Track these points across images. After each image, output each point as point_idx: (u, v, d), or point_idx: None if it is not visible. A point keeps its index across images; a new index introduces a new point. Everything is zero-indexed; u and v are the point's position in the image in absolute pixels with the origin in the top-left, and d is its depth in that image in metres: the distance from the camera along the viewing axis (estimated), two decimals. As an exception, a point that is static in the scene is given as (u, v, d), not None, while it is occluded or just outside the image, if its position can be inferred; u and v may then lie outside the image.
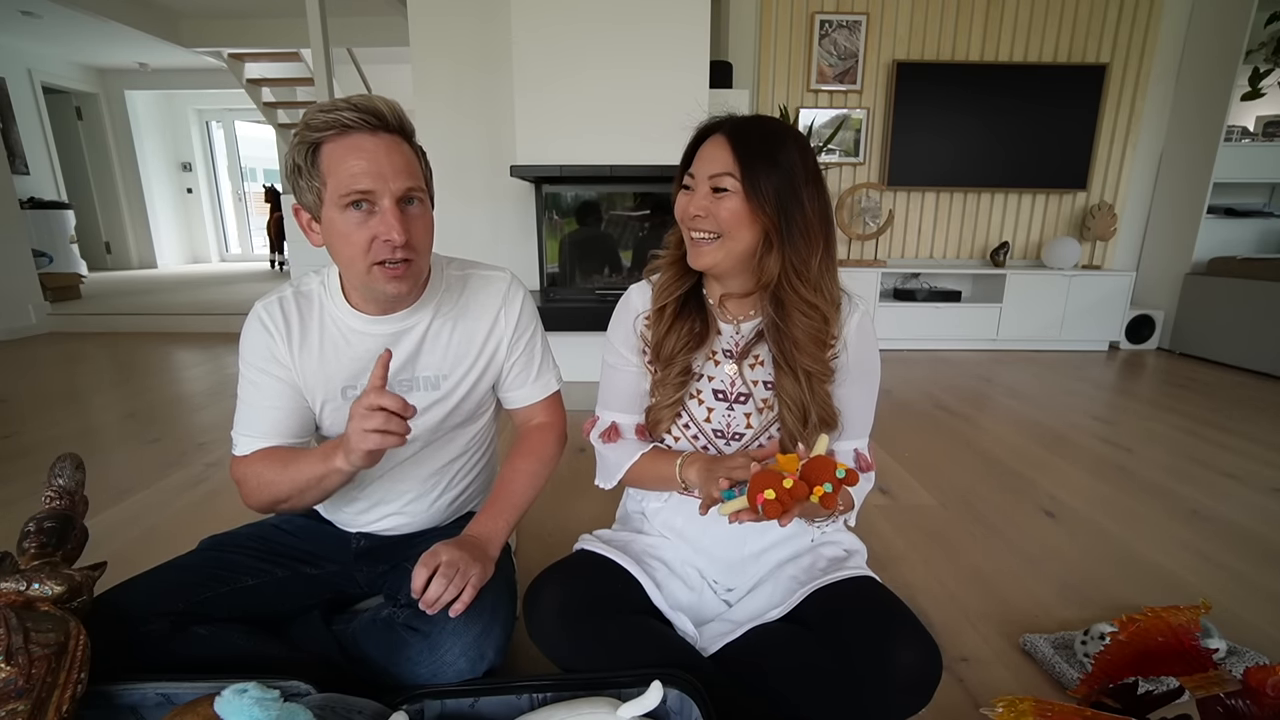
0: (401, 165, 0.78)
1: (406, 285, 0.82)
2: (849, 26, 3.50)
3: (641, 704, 0.68)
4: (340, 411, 0.90)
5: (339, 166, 0.75)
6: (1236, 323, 3.27)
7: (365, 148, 0.76)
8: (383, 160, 0.76)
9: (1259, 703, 0.67)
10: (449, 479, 1.01)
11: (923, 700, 0.76)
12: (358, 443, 0.72)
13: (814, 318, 0.84)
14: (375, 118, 0.76)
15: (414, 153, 0.82)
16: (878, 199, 3.69)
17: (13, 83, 5.58)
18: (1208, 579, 1.35)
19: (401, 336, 0.90)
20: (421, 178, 0.82)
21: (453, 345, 0.93)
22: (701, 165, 0.83)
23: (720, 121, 0.84)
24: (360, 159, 0.75)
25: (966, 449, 2.13)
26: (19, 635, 0.65)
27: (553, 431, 1.03)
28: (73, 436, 2.17)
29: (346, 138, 0.76)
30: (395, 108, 0.79)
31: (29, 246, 4.02)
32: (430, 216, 0.84)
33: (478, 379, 0.96)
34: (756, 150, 0.80)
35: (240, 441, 0.88)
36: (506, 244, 3.06)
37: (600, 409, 0.99)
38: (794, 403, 0.85)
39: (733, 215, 0.81)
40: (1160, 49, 3.55)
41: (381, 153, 0.76)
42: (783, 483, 0.66)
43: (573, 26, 2.43)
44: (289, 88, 5.96)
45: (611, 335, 0.97)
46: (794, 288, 0.83)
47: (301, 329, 0.88)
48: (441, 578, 0.80)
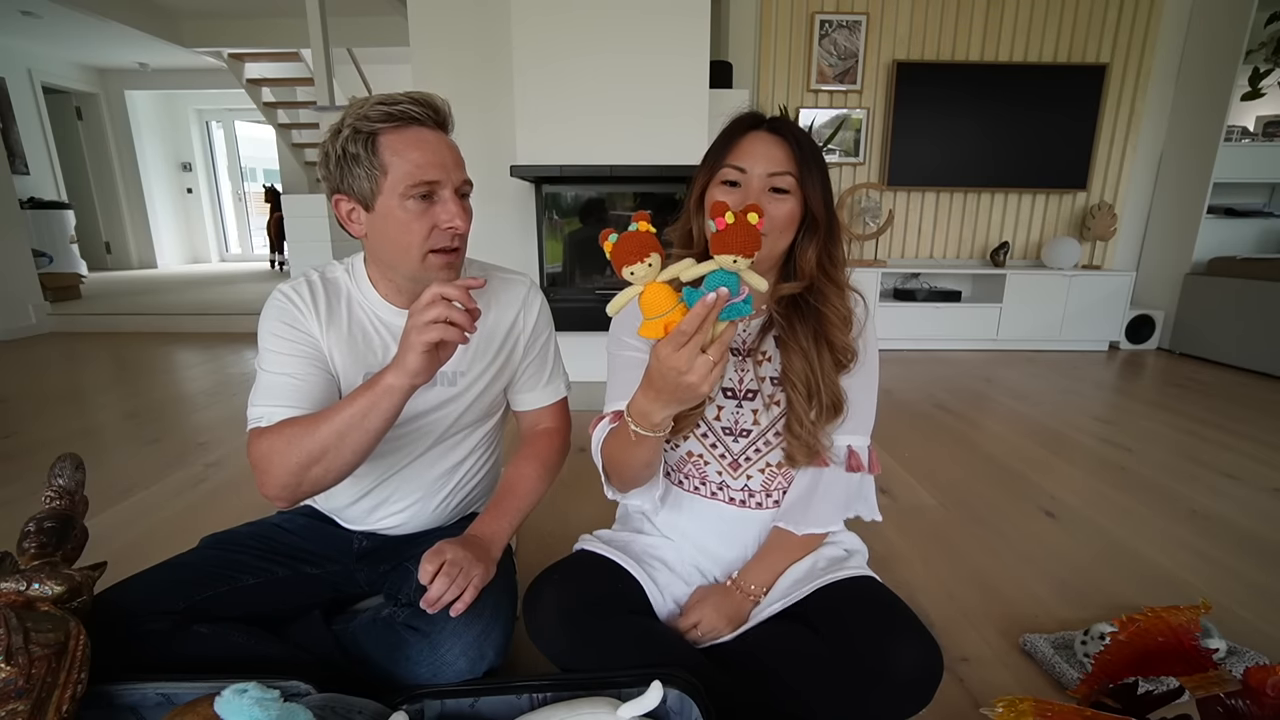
0: (458, 159, 0.83)
1: (455, 272, 0.86)
2: (849, 26, 3.50)
3: (641, 704, 0.68)
4: None
5: (403, 158, 0.78)
6: (1236, 323, 3.27)
7: (429, 141, 0.80)
8: (445, 153, 0.81)
9: (1259, 703, 0.67)
10: (456, 480, 1.01)
11: (924, 700, 0.76)
12: (418, 337, 0.69)
13: (844, 299, 0.88)
14: (435, 112, 0.82)
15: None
16: (878, 199, 3.69)
17: (13, 83, 5.58)
18: (1208, 579, 1.35)
19: None
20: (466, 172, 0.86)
21: (473, 343, 0.93)
22: (755, 162, 0.82)
23: (757, 118, 0.85)
24: (425, 151, 0.79)
25: (966, 449, 2.13)
26: (19, 635, 0.65)
27: (558, 438, 1.04)
28: (73, 436, 2.17)
29: (408, 130, 0.79)
30: (447, 106, 0.84)
31: (29, 246, 4.03)
32: (469, 206, 0.87)
33: (493, 378, 0.97)
34: (808, 150, 0.82)
35: (262, 414, 0.82)
36: (506, 244, 3.05)
37: (609, 404, 0.95)
38: (802, 382, 0.85)
39: (788, 217, 0.82)
40: (1160, 49, 3.55)
41: (444, 146, 0.82)
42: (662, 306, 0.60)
43: (573, 26, 2.43)
44: (289, 88, 5.97)
45: (617, 330, 0.95)
46: (828, 274, 0.87)
47: (329, 310, 0.88)
48: (444, 577, 0.79)
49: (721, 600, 0.90)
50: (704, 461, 0.93)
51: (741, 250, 0.58)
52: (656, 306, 0.60)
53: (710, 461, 0.92)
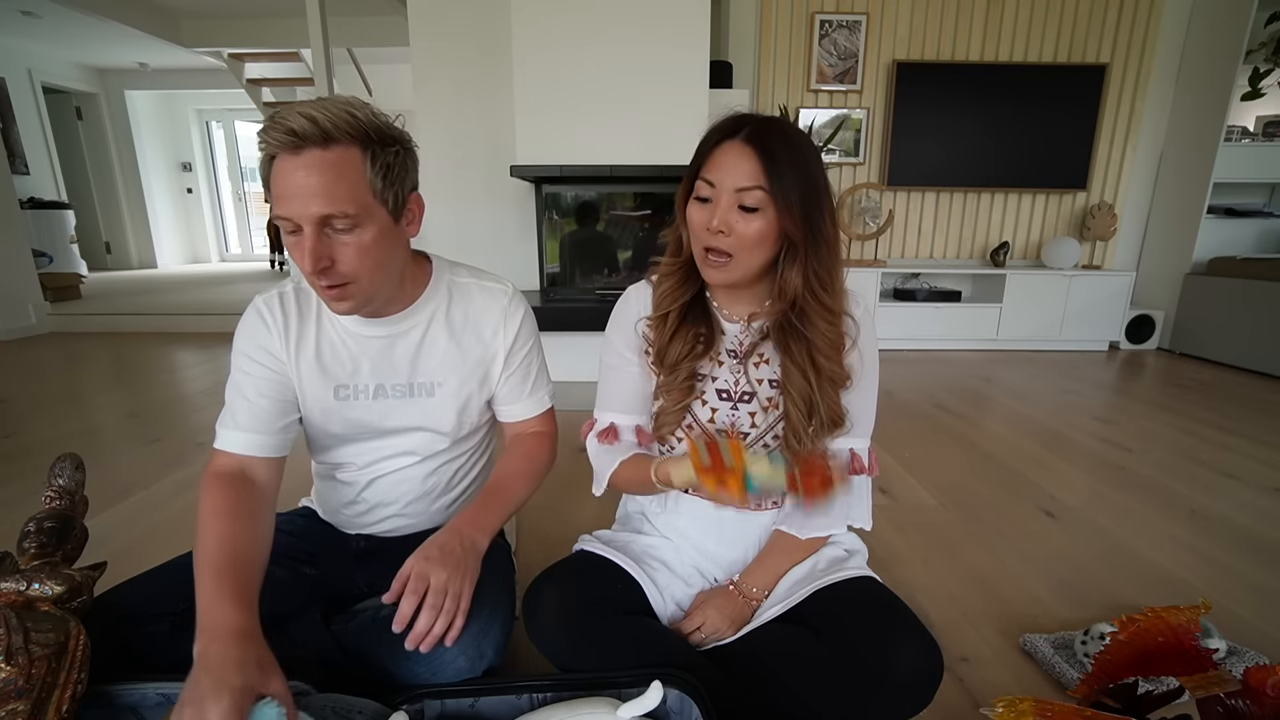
0: (320, 187, 0.70)
1: (349, 306, 0.79)
2: (849, 26, 3.50)
3: (641, 704, 0.68)
4: (330, 411, 0.89)
5: (273, 191, 0.73)
6: (1236, 323, 3.27)
7: (284, 171, 0.71)
8: (300, 184, 0.70)
9: (1259, 703, 0.66)
10: (448, 479, 1.01)
11: (924, 700, 0.76)
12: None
13: (837, 324, 0.83)
14: (293, 135, 0.69)
15: (356, 163, 0.73)
16: (878, 199, 3.68)
17: (13, 83, 5.58)
18: (1208, 579, 1.35)
19: (396, 341, 0.89)
20: (353, 198, 0.73)
21: (450, 354, 0.91)
22: (724, 175, 0.77)
23: (737, 124, 0.79)
24: (280, 184, 0.71)
25: (966, 449, 2.13)
26: (19, 635, 0.65)
27: (546, 440, 1.01)
28: (73, 436, 2.17)
29: (278, 160, 0.71)
30: (326, 116, 0.70)
31: (29, 246, 4.02)
32: (373, 236, 0.76)
33: (473, 392, 0.94)
34: (784, 162, 0.75)
35: (221, 436, 0.85)
36: (506, 244, 3.05)
37: (599, 410, 0.97)
38: (801, 399, 0.84)
39: (758, 235, 0.77)
40: (1160, 49, 3.55)
41: (300, 175, 0.70)
42: (726, 478, 0.71)
43: (573, 26, 2.43)
44: (289, 88, 5.96)
45: (611, 336, 0.95)
46: (817, 297, 0.81)
47: (300, 326, 0.87)
48: (429, 609, 0.73)
49: (724, 603, 0.90)
50: None
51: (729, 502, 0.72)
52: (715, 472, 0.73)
53: None
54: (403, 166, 0.79)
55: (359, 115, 0.73)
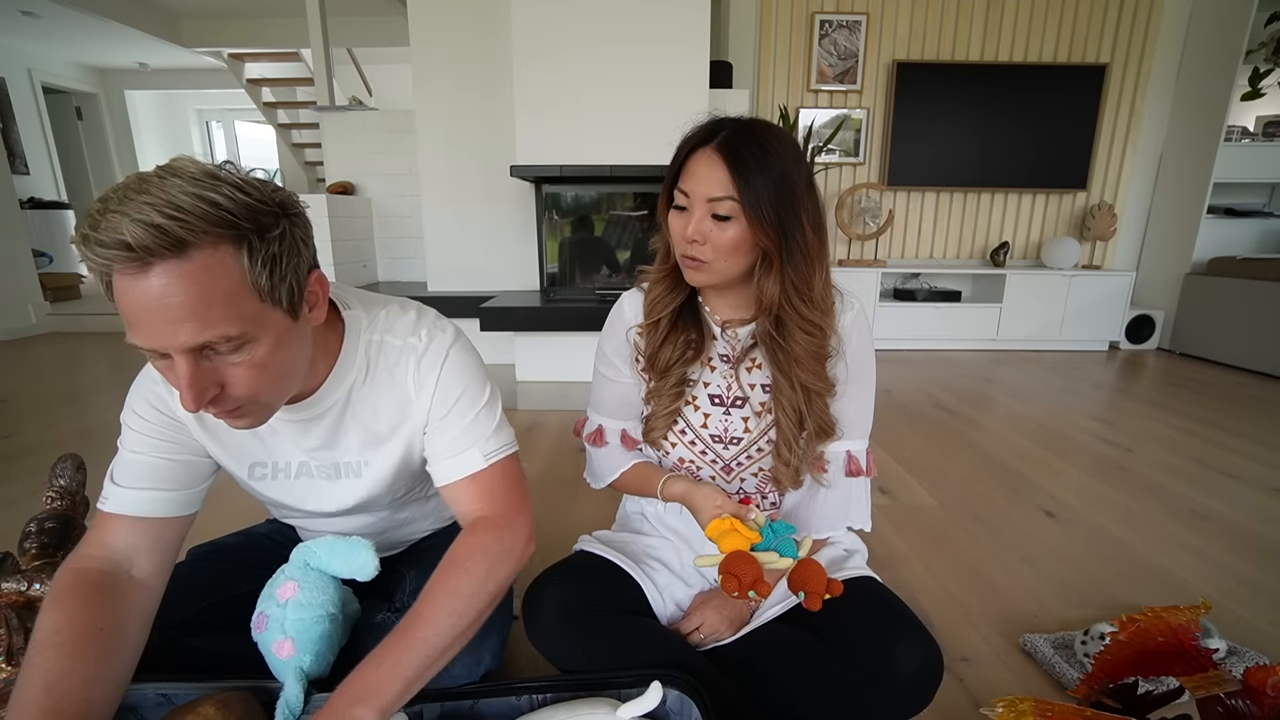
0: (184, 310, 0.53)
1: (249, 423, 0.65)
2: (849, 26, 3.50)
3: (641, 704, 0.68)
4: (249, 486, 0.82)
5: (120, 310, 0.54)
6: (1236, 323, 3.27)
7: (130, 293, 0.52)
8: (155, 310, 0.52)
9: (1259, 703, 0.67)
10: (406, 519, 0.94)
11: (924, 700, 0.76)
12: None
13: (816, 335, 0.81)
14: (129, 251, 0.50)
15: (230, 267, 0.55)
16: (877, 199, 3.69)
17: (13, 83, 5.57)
18: (1208, 579, 1.35)
19: (311, 425, 0.76)
20: (234, 313, 0.55)
21: (371, 429, 0.78)
22: (697, 184, 0.76)
23: (709, 132, 0.77)
24: (127, 305, 0.53)
25: (966, 449, 2.13)
26: (19, 635, 0.65)
27: (488, 531, 0.73)
28: (73, 436, 2.17)
29: (117, 279, 0.52)
30: (172, 212, 0.50)
31: (29, 246, 4.02)
32: (268, 349, 0.59)
33: (399, 467, 0.80)
34: (756, 170, 0.73)
35: (111, 493, 0.70)
36: (506, 244, 3.06)
37: (590, 411, 0.99)
38: (791, 409, 0.85)
39: (732, 243, 0.76)
40: (1160, 49, 3.55)
41: (153, 299, 0.52)
42: (750, 578, 0.72)
43: (573, 26, 2.43)
44: (289, 88, 5.96)
45: (604, 345, 0.95)
46: (795, 308, 0.79)
47: None
48: None
49: (723, 603, 0.90)
50: (696, 467, 0.93)
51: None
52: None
53: (702, 466, 0.92)
54: (292, 249, 0.60)
55: (220, 197, 0.53)
